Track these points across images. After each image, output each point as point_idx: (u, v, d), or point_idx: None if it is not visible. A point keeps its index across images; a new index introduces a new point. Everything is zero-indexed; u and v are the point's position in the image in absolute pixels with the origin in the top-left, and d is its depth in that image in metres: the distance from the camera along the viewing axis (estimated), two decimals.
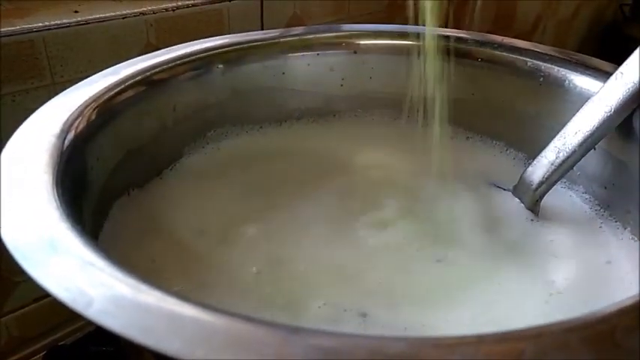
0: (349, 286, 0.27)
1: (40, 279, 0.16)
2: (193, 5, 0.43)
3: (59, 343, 0.40)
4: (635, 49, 0.27)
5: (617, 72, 0.28)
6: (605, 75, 0.30)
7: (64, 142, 0.23)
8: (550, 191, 0.31)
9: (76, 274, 0.16)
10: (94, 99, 0.27)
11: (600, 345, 0.15)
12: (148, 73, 0.31)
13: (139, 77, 0.30)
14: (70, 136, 0.24)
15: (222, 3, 0.45)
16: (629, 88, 0.27)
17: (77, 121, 0.25)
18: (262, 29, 0.47)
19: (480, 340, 0.15)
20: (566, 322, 0.15)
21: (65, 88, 0.29)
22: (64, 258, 0.17)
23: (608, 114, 0.28)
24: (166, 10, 0.42)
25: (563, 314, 0.24)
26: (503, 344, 0.14)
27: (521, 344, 0.14)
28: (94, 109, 0.27)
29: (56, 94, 0.28)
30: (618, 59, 0.29)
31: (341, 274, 0.27)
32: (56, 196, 0.20)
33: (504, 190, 0.34)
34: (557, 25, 0.74)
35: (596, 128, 0.28)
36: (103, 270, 0.17)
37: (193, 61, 0.33)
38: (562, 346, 0.14)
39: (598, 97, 0.29)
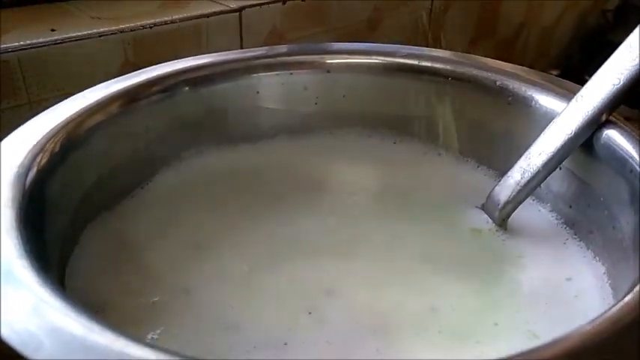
0: (327, 302, 0.27)
1: None
2: (172, 22, 0.44)
3: None
4: None
5: (578, 95, 0.29)
6: (570, 96, 0.30)
7: (27, 174, 0.24)
8: (519, 207, 0.32)
9: (28, 315, 0.17)
10: (63, 126, 0.28)
11: None
12: (119, 97, 0.31)
13: (109, 101, 0.31)
14: (35, 167, 0.24)
15: (201, 19, 0.45)
16: (588, 112, 0.28)
17: (43, 151, 0.25)
18: (241, 44, 0.48)
19: None
20: None
21: (43, 107, 0.29)
22: (17, 297, 0.17)
23: (569, 136, 0.29)
24: (144, 27, 0.42)
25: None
26: None
27: None
28: (62, 137, 0.27)
29: (33, 113, 0.28)
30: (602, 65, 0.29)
31: (314, 291, 0.28)
32: (18, 231, 0.21)
33: (475, 207, 0.34)
34: (541, 31, 0.75)
35: (558, 149, 0.29)
36: (57, 309, 0.17)
37: (165, 82, 0.34)
38: None
39: (560, 119, 0.29)
